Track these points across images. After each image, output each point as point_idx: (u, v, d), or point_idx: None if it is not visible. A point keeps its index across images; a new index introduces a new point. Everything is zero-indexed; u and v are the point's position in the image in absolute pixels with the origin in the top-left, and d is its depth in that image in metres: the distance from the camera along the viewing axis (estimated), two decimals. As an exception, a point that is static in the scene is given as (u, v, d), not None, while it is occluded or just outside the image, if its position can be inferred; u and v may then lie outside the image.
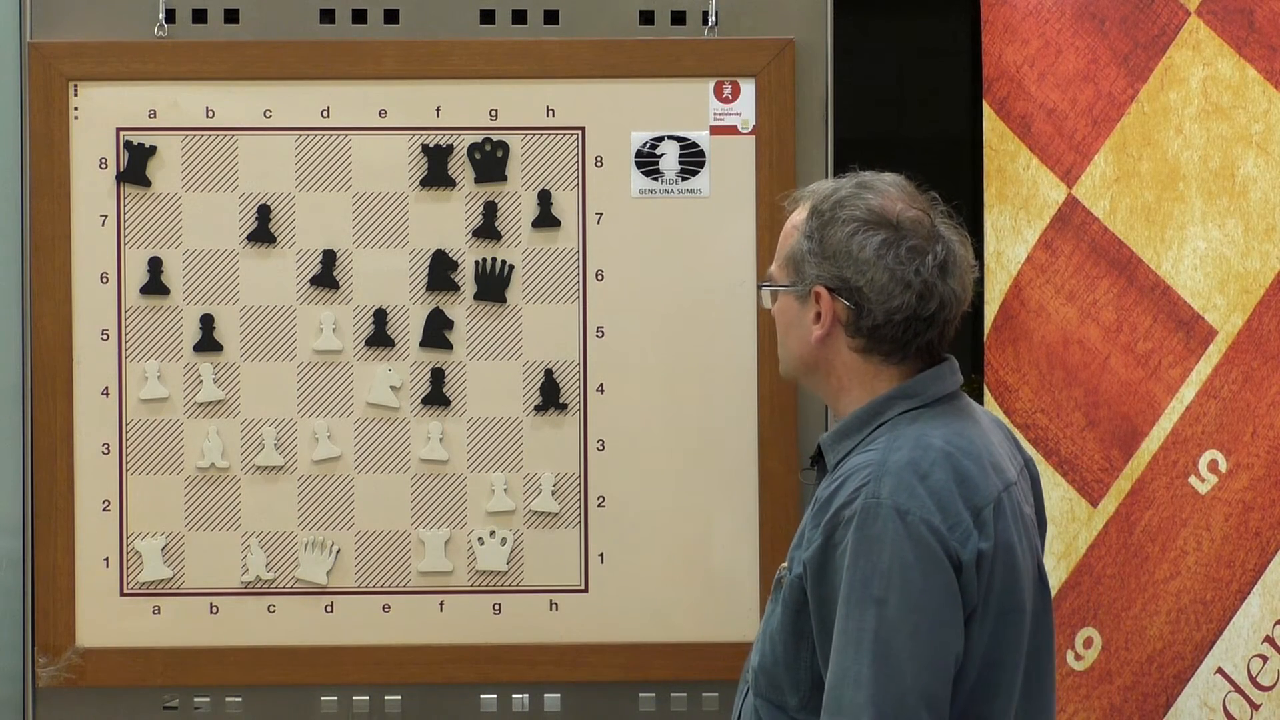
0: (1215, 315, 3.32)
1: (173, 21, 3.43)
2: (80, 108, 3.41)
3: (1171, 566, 3.31)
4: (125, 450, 3.41)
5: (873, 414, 2.56)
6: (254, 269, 3.42)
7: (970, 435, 2.53)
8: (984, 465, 2.50)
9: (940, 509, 2.43)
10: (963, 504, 2.44)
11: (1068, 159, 3.34)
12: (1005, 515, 2.49)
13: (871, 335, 2.55)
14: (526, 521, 3.43)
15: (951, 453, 2.48)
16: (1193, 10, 3.33)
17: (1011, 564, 2.47)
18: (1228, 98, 3.33)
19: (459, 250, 3.43)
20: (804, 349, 2.60)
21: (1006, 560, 2.47)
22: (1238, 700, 3.30)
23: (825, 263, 2.56)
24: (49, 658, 3.40)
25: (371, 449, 3.43)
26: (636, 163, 3.42)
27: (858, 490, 2.45)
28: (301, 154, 3.42)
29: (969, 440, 2.52)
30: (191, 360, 3.42)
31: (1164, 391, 3.32)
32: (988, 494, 2.47)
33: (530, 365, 3.43)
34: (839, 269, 2.55)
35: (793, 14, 3.45)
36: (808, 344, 2.59)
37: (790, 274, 2.60)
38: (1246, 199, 3.32)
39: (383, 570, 3.43)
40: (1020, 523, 2.52)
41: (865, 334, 2.55)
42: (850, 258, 2.55)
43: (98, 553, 3.41)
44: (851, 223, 2.56)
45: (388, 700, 3.44)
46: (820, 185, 2.63)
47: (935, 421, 2.53)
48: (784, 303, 2.60)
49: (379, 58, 3.41)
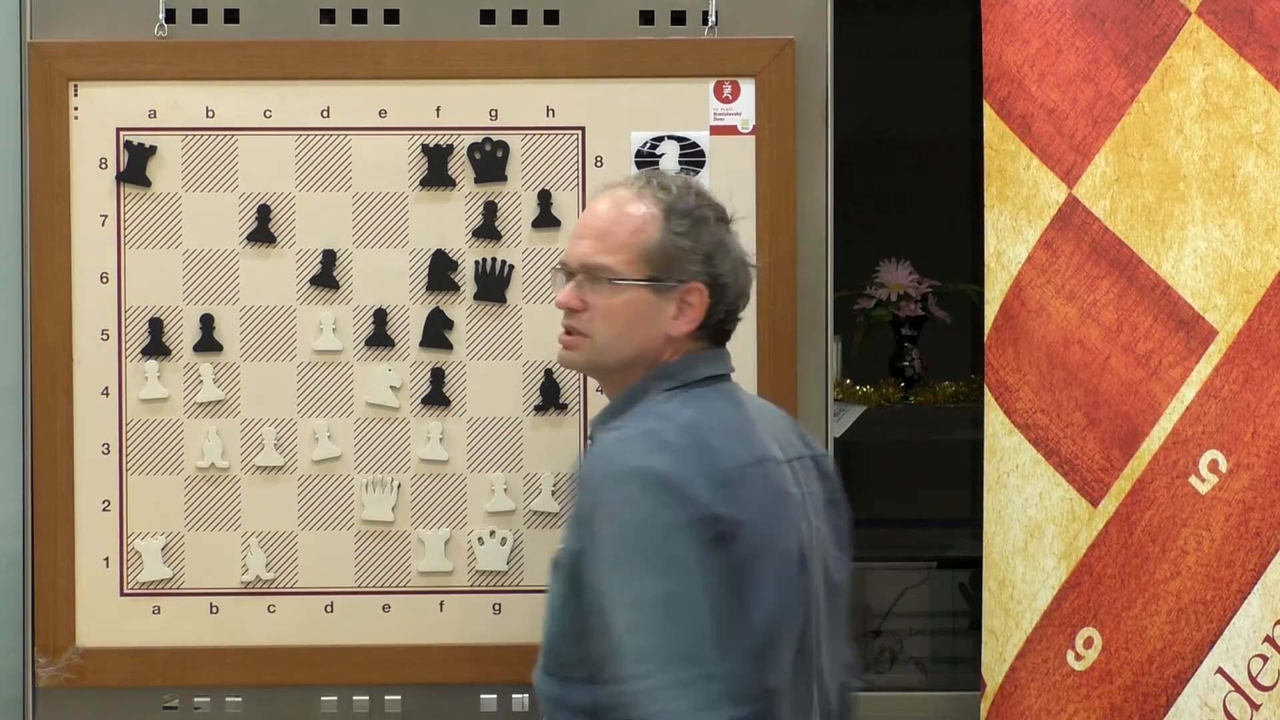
0: (1216, 315, 3.32)
1: (173, 21, 3.43)
2: (80, 108, 3.41)
3: (1172, 566, 3.31)
4: (125, 450, 3.41)
5: (636, 394, 2.68)
6: (254, 269, 3.42)
7: (723, 414, 2.66)
8: (731, 440, 2.61)
9: (677, 468, 2.53)
10: (698, 470, 2.54)
11: (1068, 159, 3.34)
12: (752, 487, 2.59)
13: (715, 328, 2.72)
14: (526, 521, 3.43)
15: (694, 426, 2.59)
16: (1193, 10, 3.33)
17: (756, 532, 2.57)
18: (1228, 98, 3.33)
19: (459, 250, 3.43)
20: (652, 342, 2.70)
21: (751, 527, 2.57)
22: (1238, 700, 3.30)
23: (701, 260, 2.68)
24: (49, 658, 3.40)
25: (371, 449, 3.43)
26: (636, 163, 3.42)
27: (601, 458, 2.59)
28: (301, 154, 3.42)
29: (720, 418, 2.64)
30: (191, 360, 3.42)
31: (1164, 391, 3.32)
32: (730, 465, 2.58)
33: (530, 365, 3.43)
34: (712, 267, 2.69)
35: (793, 14, 3.45)
36: (658, 338, 2.69)
37: (649, 269, 2.68)
38: (1247, 199, 3.32)
39: (383, 570, 3.43)
40: (779, 498, 2.63)
41: (712, 327, 2.71)
42: (724, 255, 2.71)
43: (98, 553, 3.41)
44: (719, 222, 2.71)
45: (388, 700, 3.44)
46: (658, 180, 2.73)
47: (690, 401, 2.66)
48: (635, 296, 2.67)
49: (379, 58, 3.41)
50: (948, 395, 4.08)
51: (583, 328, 2.71)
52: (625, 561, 2.51)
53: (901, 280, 4.17)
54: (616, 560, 2.51)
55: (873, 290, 4.18)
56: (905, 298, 4.16)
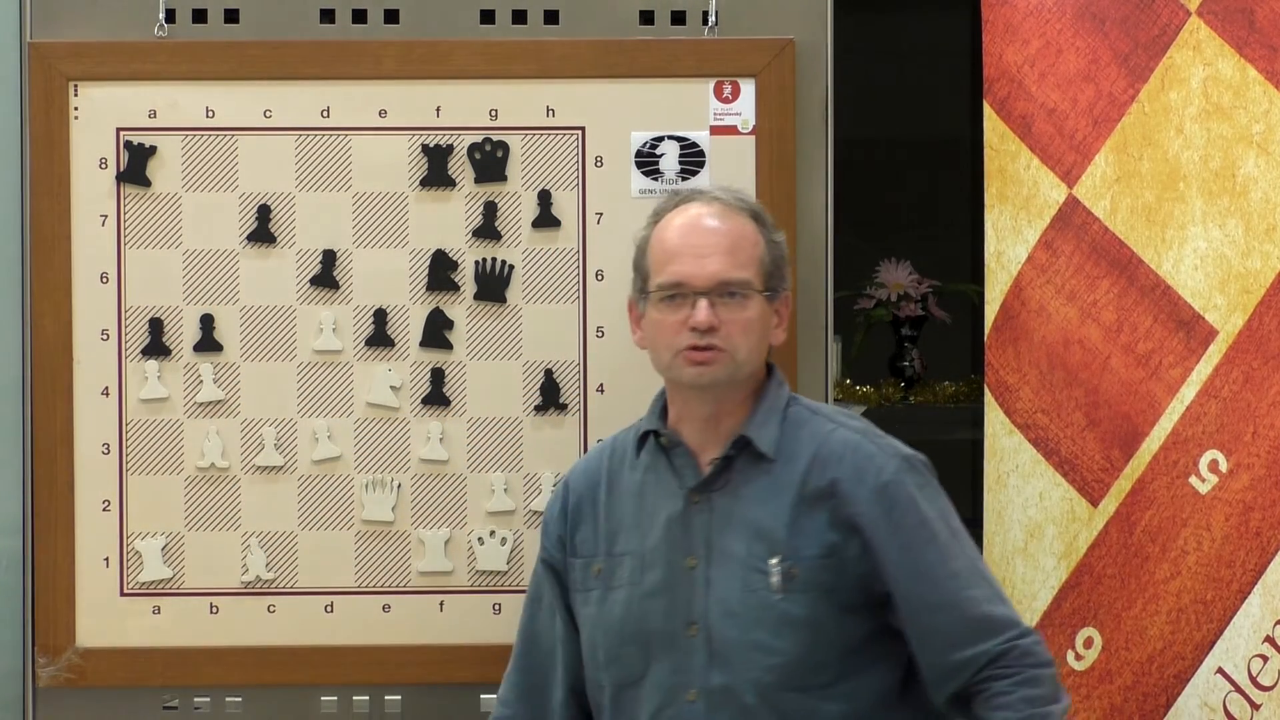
0: (1216, 315, 3.32)
1: (173, 21, 3.42)
2: (80, 108, 3.40)
3: (1172, 566, 3.31)
4: (125, 450, 3.41)
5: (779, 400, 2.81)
6: (254, 269, 3.42)
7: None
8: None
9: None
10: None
11: (1068, 159, 3.34)
12: None
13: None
14: (526, 521, 3.43)
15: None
16: (1193, 10, 3.33)
17: None
18: (1228, 98, 3.33)
19: (459, 250, 3.43)
20: (764, 351, 2.81)
21: None
22: (1238, 700, 3.29)
23: (786, 269, 2.83)
24: (49, 658, 3.40)
25: (371, 449, 3.43)
26: (636, 163, 3.42)
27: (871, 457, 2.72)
28: (301, 154, 3.42)
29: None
30: (191, 360, 3.42)
31: (1164, 391, 3.32)
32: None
33: (530, 365, 3.43)
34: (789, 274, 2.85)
35: (793, 14, 3.44)
36: (766, 347, 2.81)
37: (766, 280, 2.78)
38: (1247, 199, 3.32)
39: (383, 570, 3.43)
40: None
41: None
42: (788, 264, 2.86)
43: (98, 553, 3.41)
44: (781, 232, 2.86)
45: (388, 700, 3.44)
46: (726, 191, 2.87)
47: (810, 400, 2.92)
48: (762, 307, 2.72)
49: (379, 58, 3.41)
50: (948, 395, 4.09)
51: (722, 343, 2.74)
52: (959, 541, 2.71)
53: (901, 280, 4.18)
54: (950, 542, 2.69)
55: (873, 290, 4.18)
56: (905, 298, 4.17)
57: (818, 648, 2.67)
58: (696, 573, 2.73)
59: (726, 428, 2.78)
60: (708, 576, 2.72)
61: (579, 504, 2.89)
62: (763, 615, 2.68)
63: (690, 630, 2.72)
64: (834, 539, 2.68)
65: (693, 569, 2.73)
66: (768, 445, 2.74)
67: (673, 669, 2.72)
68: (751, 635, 2.68)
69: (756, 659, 2.67)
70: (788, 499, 2.71)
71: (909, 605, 2.66)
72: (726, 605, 2.70)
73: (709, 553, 2.73)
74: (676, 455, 2.80)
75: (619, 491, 2.86)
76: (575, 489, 2.91)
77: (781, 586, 2.67)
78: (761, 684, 2.66)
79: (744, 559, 2.70)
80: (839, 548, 2.68)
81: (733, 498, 2.74)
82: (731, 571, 2.71)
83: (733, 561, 2.71)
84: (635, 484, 2.84)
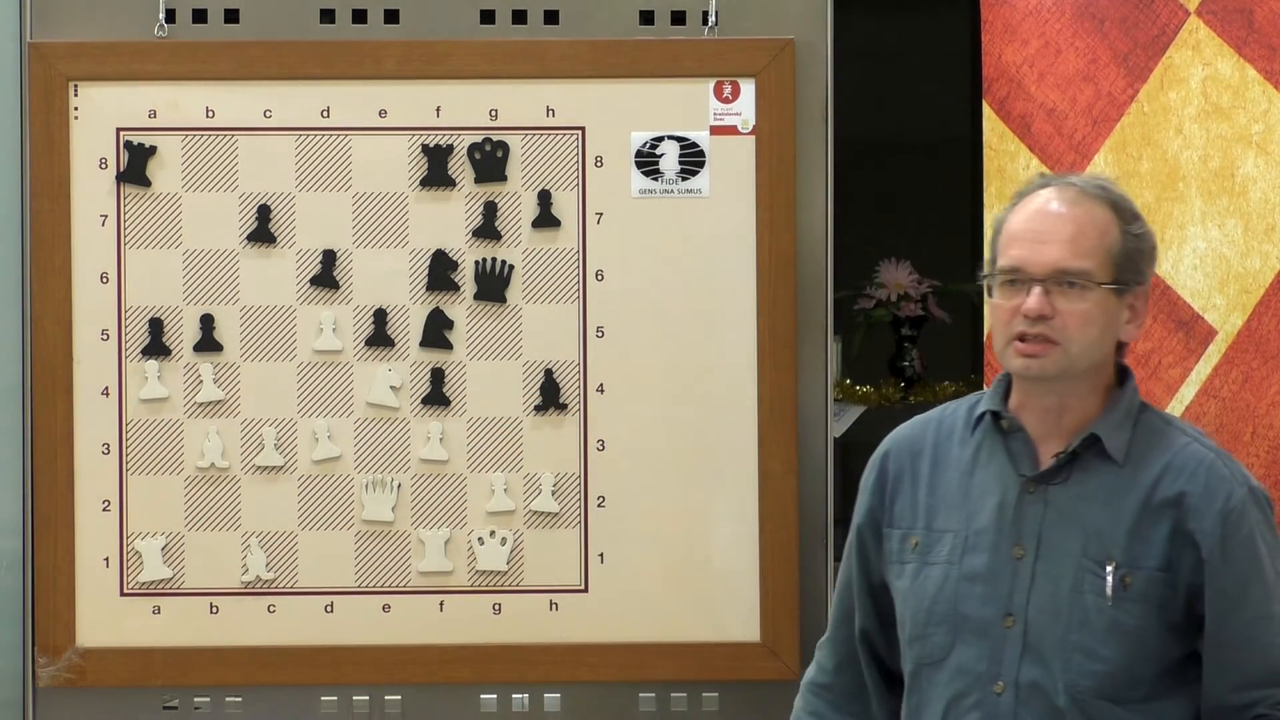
0: (1215, 315, 3.32)
1: (173, 21, 3.43)
2: (80, 108, 3.41)
3: (1171, 566, 3.31)
4: (125, 450, 3.41)
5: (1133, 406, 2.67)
6: (254, 269, 3.42)
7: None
8: None
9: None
10: None
11: (1068, 159, 3.34)
12: None
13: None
14: (526, 521, 3.43)
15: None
16: (1192, 10, 3.33)
17: None
18: (1227, 98, 3.33)
19: (459, 250, 3.43)
20: (1110, 348, 2.65)
21: None
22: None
23: (1147, 261, 2.65)
24: (49, 658, 3.40)
25: (371, 449, 3.43)
26: (636, 163, 3.42)
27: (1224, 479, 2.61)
28: (301, 154, 3.42)
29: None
30: (191, 360, 3.42)
31: (1164, 391, 3.32)
32: None
33: (530, 365, 3.43)
34: (1150, 269, 2.66)
35: (793, 14, 3.45)
36: (1113, 344, 2.65)
37: (1115, 272, 2.61)
38: (1246, 199, 3.32)
39: (383, 570, 3.43)
40: None
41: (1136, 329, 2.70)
42: (1153, 258, 2.67)
43: (98, 553, 3.41)
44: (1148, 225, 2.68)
45: (388, 700, 3.44)
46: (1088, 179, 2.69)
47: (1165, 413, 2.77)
48: (1104, 301, 2.60)
49: (379, 58, 3.41)
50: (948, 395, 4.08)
51: (1055, 335, 2.62)
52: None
53: (901, 280, 4.17)
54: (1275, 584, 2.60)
55: (873, 290, 4.17)
56: (905, 298, 4.16)
57: (1139, 661, 2.60)
58: (1023, 564, 2.65)
59: (1069, 421, 2.68)
60: (1034, 570, 2.65)
61: (899, 474, 2.78)
62: (1090, 619, 2.61)
63: (1007, 621, 2.65)
64: (1173, 552, 2.60)
65: (1019, 559, 2.65)
66: (1118, 450, 2.63)
67: (980, 657, 2.66)
68: (1074, 637, 2.61)
69: (1077, 662, 2.62)
70: (1132, 505, 2.62)
71: (1217, 636, 2.59)
72: (1052, 602, 2.62)
73: (1039, 546, 2.65)
74: (1015, 441, 2.70)
75: (944, 466, 2.74)
76: (896, 459, 2.81)
77: (1115, 593, 2.62)
78: (1077, 688, 2.61)
79: (1076, 559, 2.62)
80: (1175, 562, 2.62)
81: (1071, 494, 2.65)
82: (1061, 569, 2.63)
83: (1064, 559, 2.63)
84: (964, 461, 2.74)
